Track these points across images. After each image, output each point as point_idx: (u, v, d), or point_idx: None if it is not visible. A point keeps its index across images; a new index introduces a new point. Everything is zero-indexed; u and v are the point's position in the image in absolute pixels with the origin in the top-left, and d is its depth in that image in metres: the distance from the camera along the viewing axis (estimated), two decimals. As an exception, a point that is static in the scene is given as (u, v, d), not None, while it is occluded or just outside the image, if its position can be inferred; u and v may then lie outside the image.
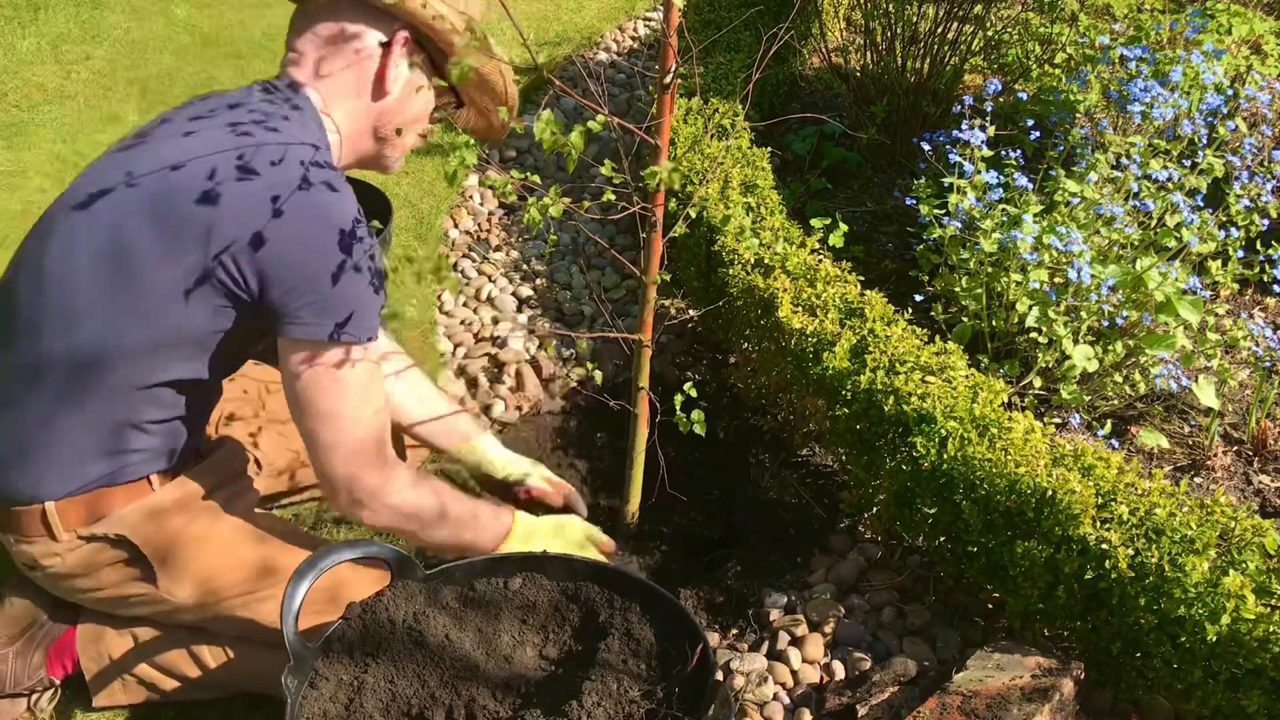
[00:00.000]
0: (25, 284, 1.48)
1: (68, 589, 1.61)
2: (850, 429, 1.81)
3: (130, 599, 1.61)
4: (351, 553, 1.47)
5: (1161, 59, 2.44)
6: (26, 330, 1.47)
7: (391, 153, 1.70)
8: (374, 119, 1.64)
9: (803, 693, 1.67)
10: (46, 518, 1.51)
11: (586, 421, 2.35)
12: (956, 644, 1.72)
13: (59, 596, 1.66)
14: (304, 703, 1.34)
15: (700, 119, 2.58)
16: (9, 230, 2.92)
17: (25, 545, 1.54)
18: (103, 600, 1.63)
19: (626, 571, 1.53)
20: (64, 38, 3.92)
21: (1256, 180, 2.23)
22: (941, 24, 3.01)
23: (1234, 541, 1.49)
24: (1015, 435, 1.64)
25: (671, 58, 1.40)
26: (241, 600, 1.62)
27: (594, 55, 4.06)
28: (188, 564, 1.57)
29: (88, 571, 1.57)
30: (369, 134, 1.65)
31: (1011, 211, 2.13)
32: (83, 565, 1.55)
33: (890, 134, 3.14)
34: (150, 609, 1.62)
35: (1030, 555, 1.55)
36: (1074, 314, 2.05)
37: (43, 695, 1.73)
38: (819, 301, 1.95)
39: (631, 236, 2.95)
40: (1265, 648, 1.37)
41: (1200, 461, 2.09)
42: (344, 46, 1.59)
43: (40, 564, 1.56)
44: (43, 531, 1.52)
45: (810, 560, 1.95)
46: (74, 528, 1.52)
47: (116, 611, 1.66)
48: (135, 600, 1.61)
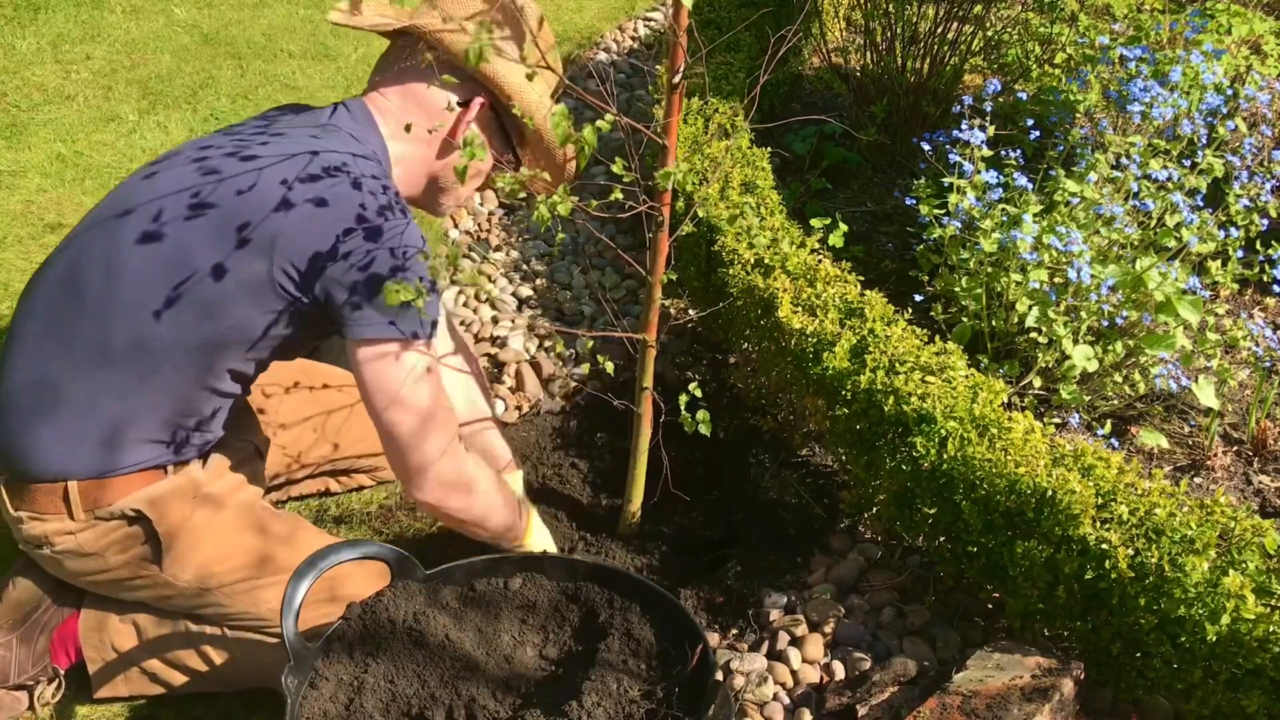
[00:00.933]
0: (92, 274, 1.53)
1: (73, 570, 1.63)
2: (850, 429, 1.81)
3: (134, 581, 1.63)
4: (352, 552, 1.47)
5: (1161, 59, 2.43)
6: (92, 319, 1.52)
7: (445, 200, 1.83)
8: (434, 169, 1.76)
9: (803, 693, 1.67)
10: (68, 496, 1.54)
11: (586, 421, 2.35)
12: (956, 644, 1.72)
13: (62, 579, 1.68)
14: (304, 703, 1.34)
15: (700, 119, 2.58)
16: (9, 230, 2.93)
17: (38, 522, 1.57)
18: (107, 582, 1.65)
19: (626, 571, 1.54)
20: (64, 38, 3.92)
21: (1256, 180, 2.23)
22: (941, 24, 3.01)
23: (1234, 541, 1.49)
24: (1015, 435, 1.64)
25: (681, 57, 1.40)
26: (243, 587, 1.65)
27: (594, 55, 4.06)
28: (193, 546, 1.61)
29: (98, 551, 1.59)
30: (426, 179, 1.77)
31: (1011, 211, 2.13)
32: (93, 544, 1.58)
33: (890, 134, 3.14)
34: (152, 592, 1.65)
35: (1030, 555, 1.55)
36: (1074, 314, 2.05)
37: (47, 688, 1.73)
38: (819, 301, 1.95)
39: (632, 236, 2.95)
40: (1265, 648, 1.37)
41: (1200, 461, 2.09)
42: (424, 98, 1.71)
43: (50, 541, 1.58)
44: (61, 510, 1.55)
45: (810, 560, 1.95)
46: (92, 508, 1.56)
47: (118, 595, 1.68)
48: (139, 583, 1.63)
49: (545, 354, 2.52)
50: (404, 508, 2.16)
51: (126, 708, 1.77)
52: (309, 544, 1.68)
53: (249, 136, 1.60)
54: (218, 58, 3.89)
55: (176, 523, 1.60)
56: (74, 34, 3.95)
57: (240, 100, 3.64)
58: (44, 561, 1.64)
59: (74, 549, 1.58)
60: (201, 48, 3.95)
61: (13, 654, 1.68)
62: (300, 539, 1.71)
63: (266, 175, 1.51)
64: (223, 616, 1.68)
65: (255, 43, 3.99)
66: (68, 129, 3.40)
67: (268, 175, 1.51)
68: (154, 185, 1.56)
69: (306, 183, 1.51)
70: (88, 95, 3.60)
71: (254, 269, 1.50)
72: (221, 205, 1.51)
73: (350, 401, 2.09)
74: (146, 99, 3.60)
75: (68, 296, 1.54)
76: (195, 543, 1.61)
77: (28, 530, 1.58)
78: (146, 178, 1.59)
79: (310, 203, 1.49)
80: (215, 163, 1.55)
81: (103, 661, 1.71)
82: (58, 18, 4.03)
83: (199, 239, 1.50)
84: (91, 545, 1.58)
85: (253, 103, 3.63)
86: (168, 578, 1.61)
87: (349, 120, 1.66)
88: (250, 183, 1.51)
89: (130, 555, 1.60)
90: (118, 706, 1.77)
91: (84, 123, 3.44)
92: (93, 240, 1.56)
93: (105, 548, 1.59)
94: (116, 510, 1.57)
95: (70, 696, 1.76)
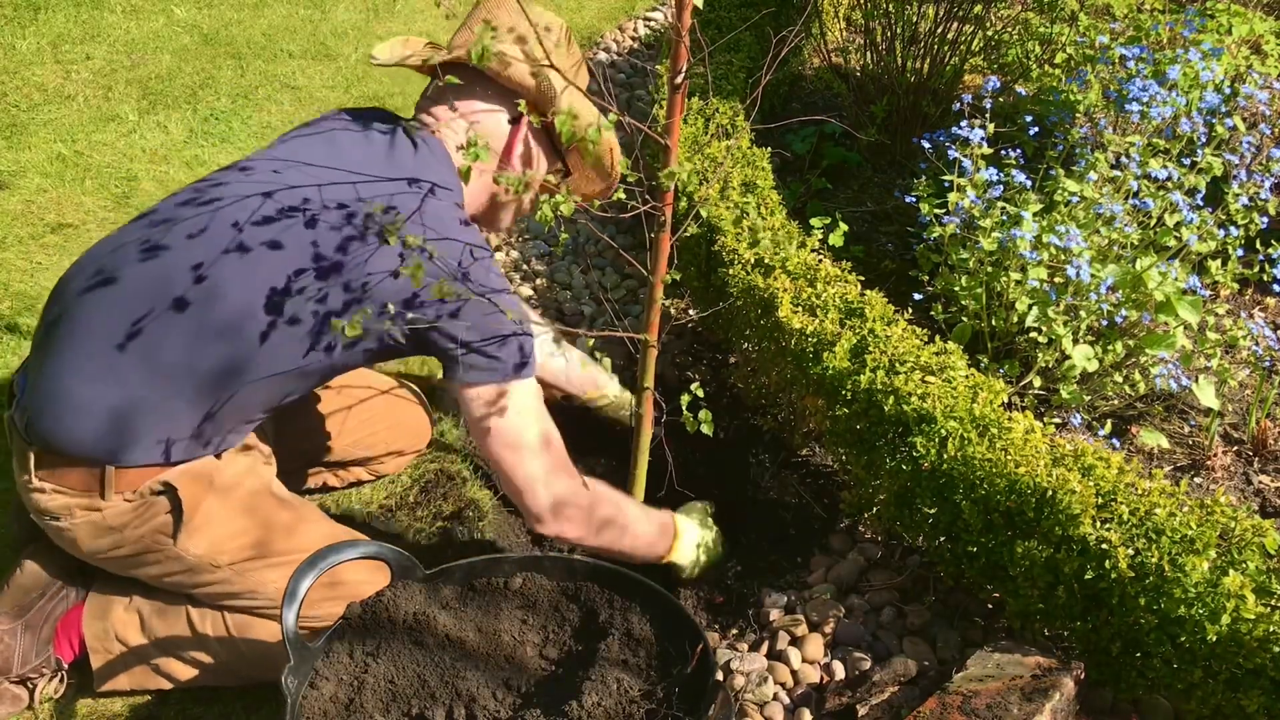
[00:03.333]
0: (186, 286, 1.52)
1: (86, 546, 1.64)
2: (850, 429, 1.81)
3: (145, 555, 1.64)
4: (352, 552, 1.48)
5: (1160, 58, 2.43)
6: (181, 332, 1.52)
7: (504, 215, 1.89)
8: (493, 187, 1.81)
9: (803, 693, 1.67)
10: (105, 477, 1.56)
11: (586, 421, 2.35)
12: (956, 644, 1.72)
13: (69, 553, 1.69)
14: (304, 703, 1.34)
15: (700, 119, 2.58)
16: (9, 230, 2.93)
17: (63, 496, 1.58)
18: (118, 559, 1.66)
19: (626, 571, 1.54)
20: (64, 38, 3.92)
21: (1255, 179, 2.23)
22: (941, 24, 3.01)
23: (1234, 541, 1.49)
24: (1015, 435, 1.64)
25: (684, 58, 1.40)
26: (250, 565, 1.67)
27: (594, 55, 4.06)
28: (208, 520, 1.63)
29: (118, 526, 1.60)
30: (487, 197, 1.83)
31: (1011, 210, 2.13)
32: (117, 519, 1.60)
33: (890, 134, 3.14)
34: (160, 569, 1.66)
35: (1030, 555, 1.55)
36: (1074, 313, 2.05)
37: (49, 682, 1.74)
38: (819, 301, 1.95)
39: (631, 236, 2.95)
40: (1265, 648, 1.37)
41: (1200, 461, 2.09)
42: (477, 120, 1.75)
43: (72, 515, 1.59)
44: (94, 488, 1.57)
45: (810, 560, 1.95)
46: (124, 490, 1.58)
47: (127, 572, 1.69)
48: (150, 558, 1.65)
49: (545, 354, 2.52)
50: (404, 507, 2.16)
51: (127, 705, 1.77)
52: (316, 529, 1.72)
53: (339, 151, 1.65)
54: (218, 58, 3.89)
55: (196, 496, 1.62)
56: (74, 34, 3.95)
57: (240, 100, 3.64)
58: (54, 533, 1.64)
59: (96, 522, 1.59)
60: (201, 48, 3.95)
61: (17, 643, 1.69)
62: (308, 523, 1.73)
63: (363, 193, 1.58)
64: (226, 595, 1.68)
65: (255, 43, 3.99)
66: (68, 129, 3.40)
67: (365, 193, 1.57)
68: (253, 187, 1.58)
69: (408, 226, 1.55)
70: (88, 95, 3.60)
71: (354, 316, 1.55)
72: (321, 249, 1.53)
73: (349, 403, 2.09)
74: (146, 99, 3.60)
75: (155, 303, 1.53)
76: (210, 517, 1.63)
77: (47, 501, 1.59)
78: (244, 176, 1.61)
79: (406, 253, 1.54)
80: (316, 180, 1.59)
81: (105, 652, 1.71)
82: (58, 18, 4.03)
83: (301, 281, 1.53)
84: (115, 520, 1.59)
85: (253, 103, 3.63)
86: (179, 551, 1.62)
87: (425, 151, 1.70)
88: (348, 199, 1.57)
89: (148, 528, 1.61)
90: (119, 704, 1.77)
91: (84, 123, 3.44)
92: (186, 239, 1.55)
93: (126, 522, 1.60)
94: (145, 489, 1.59)
95: (72, 693, 1.77)
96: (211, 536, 1.64)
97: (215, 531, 1.64)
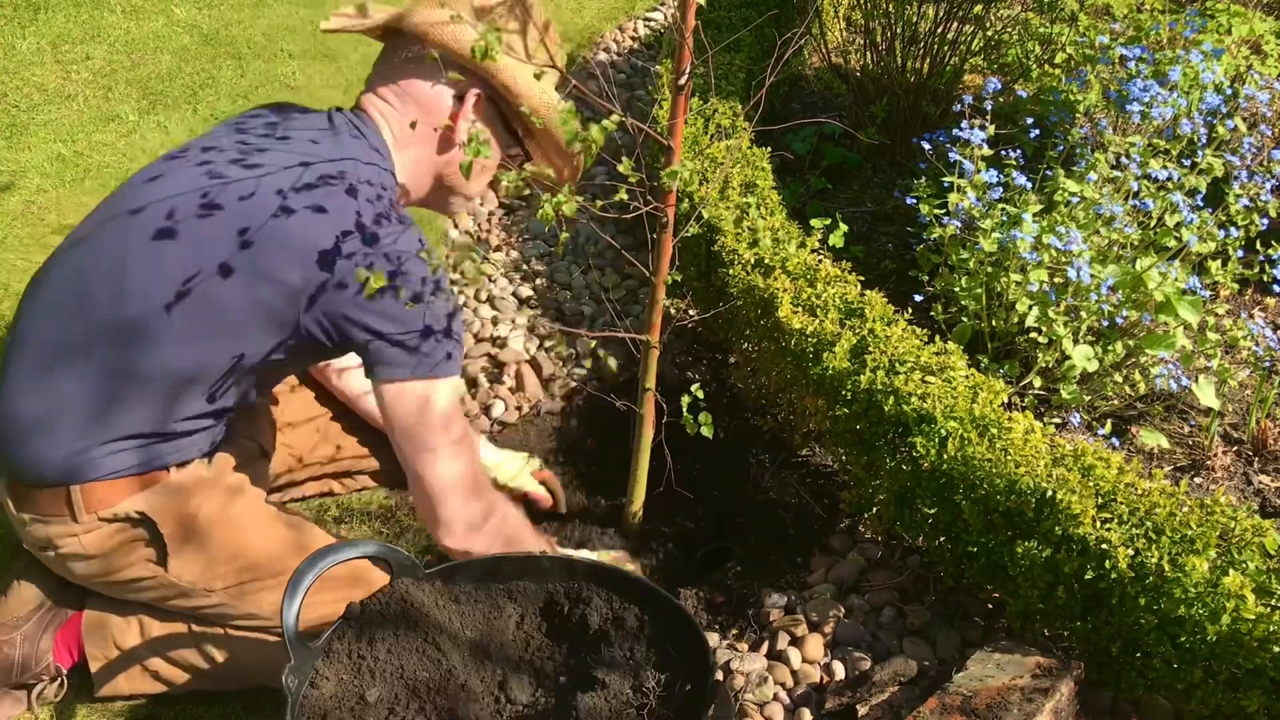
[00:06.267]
0: (100, 281, 1.51)
1: (80, 572, 1.63)
2: (850, 429, 1.81)
3: (140, 582, 1.63)
4: (352, 552, 1.47)
5: (1161, 59, 2.44)
6: (101, 335, 1.51)
7: (454, 199, 1.80)
8: (439, 168, 1.73)
9: (803, 693, 1.67)
10: (70, 499, 1.54)
11: (586, 421, 2.35)
12: (956, 644, 1.72)
13: (68, 579, 1.68)
14: (305, 702, 1.34)
15: (701, 119, 2.58)
16: (9, 230, 2.93)
17: (42, 525, 1.57)
18: (112, 584, 1.65)
19: (626, 572, 1.53)
20: (64, 38, 3.92)
21: (1256, 179, 2.23)
22: (941, 24, 3.01)
23: (1234, 541, 1.49)
24: (1015, 435, 1.64)
25: (687, 58, 1.39)
26: (248, 589, 1.65)
27: (594, 55, 4.06)
28: (198, 548, 1.61)
29: (102, 553, 1.59)
30: (432, 180, 1.74)
31: (1011, 211, 2.13)
32: (98, 546, 1.58)
33: (890, 134, 3.14)
34: (158, 594, 1.65)
35: (1030, 555, 1.55)
36: (1074, 314, 2.05)
37: (48, 687, 1.73)
38: (819, 301, 1.95)
39: (631, 237, 2.95)
40: (1265, 648, 1.37)
41: (1200, 461, 2.09)
42: (420, 97, 1.67)
43: (55, 544, 1.58)
44: (64, 512, 1.55)
45: (810, 560, 1.95)
46: (95, 509, 1.55)
47: (124, 596, 1.68)
48: (146, 584, 1.64)
49: (545, 354, 2.52)
50: (404, 507, 2.16)
51: (126, 708, 1.77)
52: (313, 546, 1.68)
53: (255, 142, 1.59)
54: (218, 58, 3.89)
55: (181, 524, 1.59)
56: (74, 34, 3.95)
57: (240, 100, 3.64)
58: (51, 563, 1.64)
59: (79, 551, 1.58)
60: (201, 48, 3.95)
61: (16, 652, 1.69)
62: (305, 541, 1.71)
63: (265, 183, 1.51)
64: (227, 617, 1.68)
65: (255, 43, 3.99)
66: (68, 129, 3.40)
67: (278, 202, 1.50)
68: (160, 188, 1.55)
69: (322, 215, 1.50)
70: (88, 95, 3.60)
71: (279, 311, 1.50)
72: (234, 236, 1.49)
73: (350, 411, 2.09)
74: (146, 99, 3.60)
75: (77, 300, 1.53)
76: (200, 544, 1.61)
77: (33, 532, 1.59)
78: (151, 180, 1.58)
79: (330, 240, 1.49)
80: (225, 172, 1.54)
81: (105, 659, 1.71)
82: (58, 18, 4.03)
83: (214, 269, 1.49)
84: (95, 548, 1.58)
85: (253, 103, 3.62)
86: (173, 578, 1.61)
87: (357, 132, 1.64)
88: (250, 190, 1.51)
89: (135, 557, 1.60)
90: (118, 706, 1.77)
91: (84, 123, 3.44)
92: (101, 244, 1.55)
93: (110, 550, 1.59)
94: (120, 512, 1.56)
95: (71, 696, 1.76)
96: (207, 560, 1.62)
97: (211, 554, 1.62)
